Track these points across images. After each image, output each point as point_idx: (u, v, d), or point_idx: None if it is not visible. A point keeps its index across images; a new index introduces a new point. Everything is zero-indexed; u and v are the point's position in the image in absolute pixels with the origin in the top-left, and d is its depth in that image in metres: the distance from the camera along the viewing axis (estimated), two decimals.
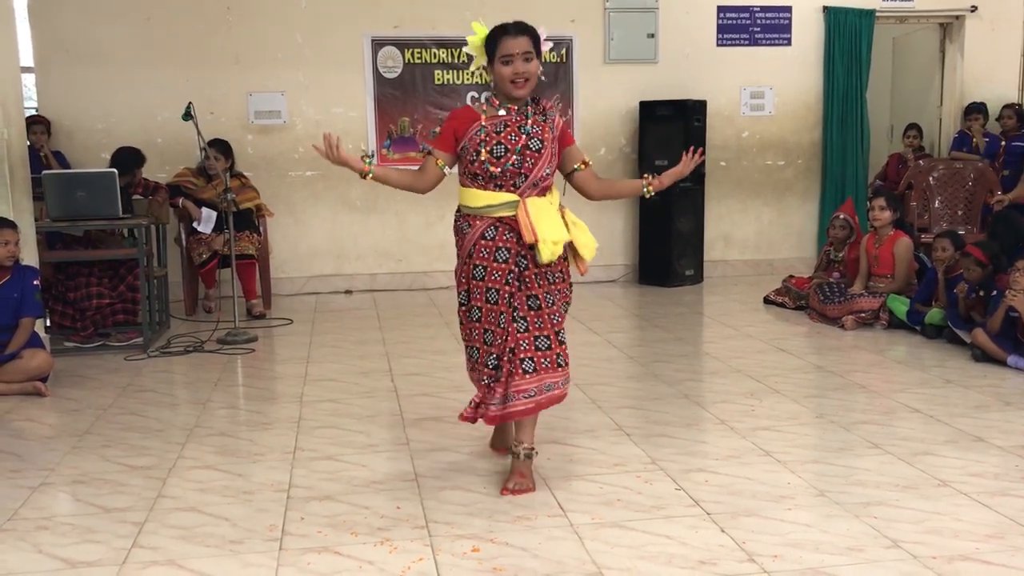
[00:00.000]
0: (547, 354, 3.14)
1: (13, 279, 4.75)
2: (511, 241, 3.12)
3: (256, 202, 6.94)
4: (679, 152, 7.56)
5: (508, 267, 3.11)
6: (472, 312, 3.16)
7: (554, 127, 3.20)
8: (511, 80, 3.07)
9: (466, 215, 3.19)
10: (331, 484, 3.34)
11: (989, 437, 3.73)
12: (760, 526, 2.90)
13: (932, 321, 5.57)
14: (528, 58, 3.06)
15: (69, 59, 7.22)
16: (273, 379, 5.10)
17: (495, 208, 3.12)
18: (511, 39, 3.06)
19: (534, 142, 3.12)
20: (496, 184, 3.12)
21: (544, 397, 3.17)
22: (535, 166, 3.12)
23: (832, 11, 8.10)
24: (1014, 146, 7.76)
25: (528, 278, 3.14)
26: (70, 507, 3.21)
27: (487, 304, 3.12)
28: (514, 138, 3.11)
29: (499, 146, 3.10)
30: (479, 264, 3.13)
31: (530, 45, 3.07)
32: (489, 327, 3.13)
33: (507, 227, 3.13)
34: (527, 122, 3.14)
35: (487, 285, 3.12)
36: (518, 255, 3.13)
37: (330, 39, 7.49)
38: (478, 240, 3.13)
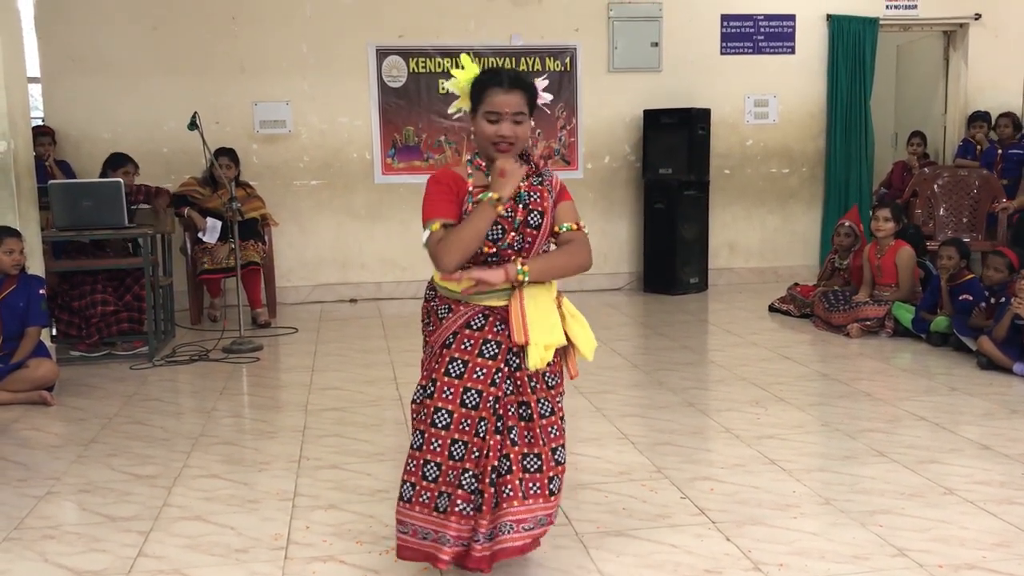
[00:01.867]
0: (536, 477, 2.51)
1: (19, 288, 4.76)
2: (502, 334, 2.51)
3: (262, 211, 6.95)
4: (683, 160, 7.73)
5: (496, 364, 2.50)
6: (437, 417, 2.48)
7: (552, 190, 2.62)
8: (493, 143, 2.51)
9: (444, 297, 2.60)
10: (336, 493, 3.34)
11: (995, 445, 3.72)
12: (766, 535, 2.90)
13: (937, 329, 5.56)
14: (519, 120, 2.50)
15: (75, 69, 7.25)
16: (278, 388, 5.10)
17: (485, 296, 2.52)
18: (502, 94, 2.49)
19: (534, 216, 2.55)
20: (488, 264, 2.53)
21: (528, 535, 2.52)
22: (534, 245, 2.55)
23: (836, 19, 8.10)
24: (1011, 154, 7.76)
25: (521, 380, 2.53)
26: (76, 516, 3.22)
27: (462, 409, 2.47)
28: (510, 213, 2.52)
29: (495, 225, 2.49)
30: (458, 358, 2.51)
31: (524, 104, 2.51)
32: (461, 437, 2.46)
33: (498, 317, 2.53)
34: (521, 187, 2.55)
35: (465, 385, 2.48)
36: (509, 351, 2.52)
37: (335, 48, 7.51)
38: (461, 329, 2.54)
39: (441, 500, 2.47)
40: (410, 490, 2.50)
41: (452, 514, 2.45)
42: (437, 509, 2.48)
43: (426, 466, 2.48)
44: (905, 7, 8.25)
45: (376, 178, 7.74)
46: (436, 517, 2.48)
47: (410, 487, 2.51)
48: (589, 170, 7.95)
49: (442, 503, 2.47)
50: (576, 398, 4.53)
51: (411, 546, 2.53)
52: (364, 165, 7.73)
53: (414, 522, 2.51)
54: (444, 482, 2.47)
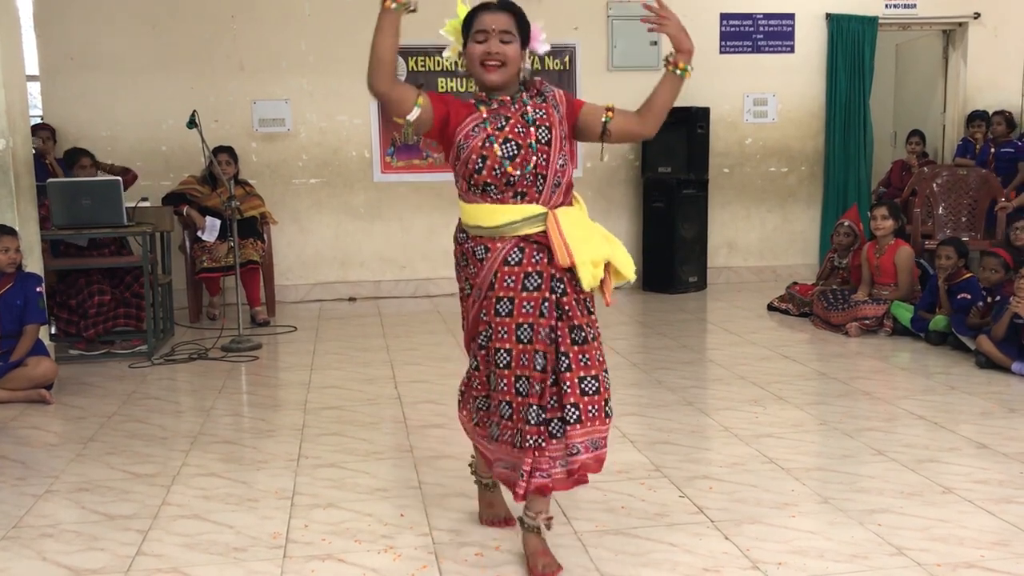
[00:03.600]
0: (594, 400, 2.54)
1: (16, 286, 4.76)
2: (542, 263, 2.53)
3: (261, 210, 6.95)
4: (683, 159, 7.72)
5: (542, 295, 2.51)
6: (498, 356, 2.53)
7: (556, 103, 2.61)
8: (481, 61, 2.53)
9: (477, 237, 2.59)
10: (335, 491, 3.34)
11: (994, 444, 3.72)
12: (764, 533, 2.90)
13: (936, 328, 5.56)
14: (506, 39, 2.51)
15: (74, 67, 7.24)
16: (277, 386, 5.10)
17: (519, 224, 2.53)
18: (488, 14, 2.53)
19: (541, 132, 2.55)
20: (516, 193, 2.53)
21: (591, 456, 2.58)
22: (548, 161, 2.54)
23: (835, 18, 8.10)
24: (1003, 152, 7.77)
25: (568, 305, 2.54)
26: (74, 515, 3.21)
27: (519, 344, 2.50)
28: (521, 130, 2.53)
29: (508, 143, 2.51)
30: (504, 297, 2.53)
31: (511, 25, 2.53)
32: (523, 372, 2.51)
33: (535, 246, 2.54)
34: (527, 109, 2.57)
35: (517, 321, 2.51)
36: (552, 279, 2.53)
37: (334, 47, 7.50)
38: (500, 267, 2.54)
39: (516, 436, 2.54)
40: (497, 430, 2.60)
41: (527, 449, 2.51)
42: (514, 445, 2.55)
43: (501, 406, 2.56)
44: (904, 6, 8.25)
45: (375, 176, 7.73)
46: (515, 451, 2.55)
47: (495, 426, 2.60)
48: (588, 169, 7.94)
49: (517, 439, 2.54)
50: None
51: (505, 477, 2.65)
52: (363, 164, 7.72)
53: (503, 457, 2.62)
54: (519, 419, 2.53)
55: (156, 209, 6.33)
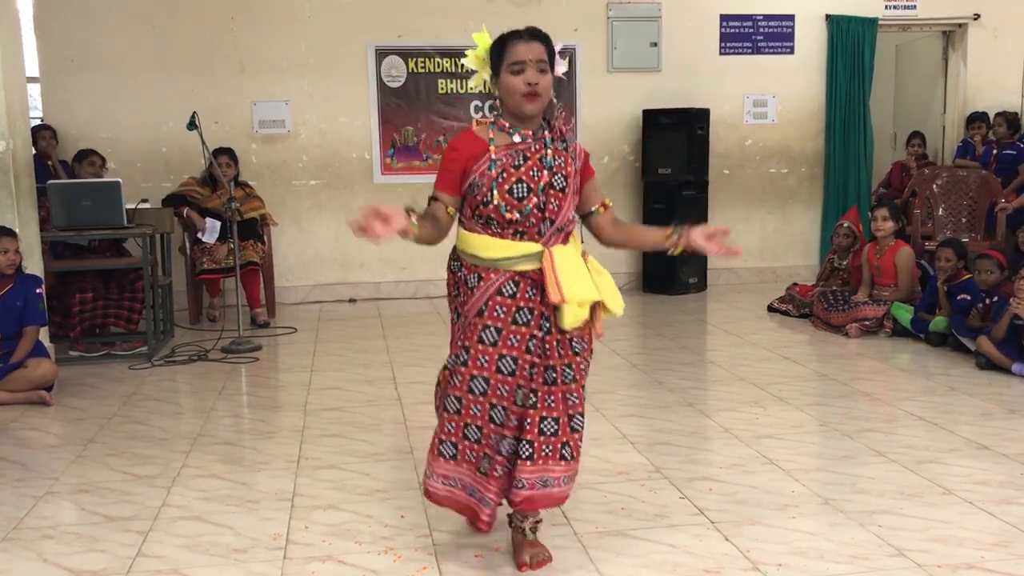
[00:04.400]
0: (550, 440, 2.56)
1: (15, 288, 4.76)
2: (534, 300, 2.56)
3: (261, 211, 6.95)
4: (683, 160, 7.74)
5: (530, 331, 2.55)
6: (473, 383, 2.55)
7: (576, 157, 2.65)
8: (522, 93, 2.52)
9: (472, 266, 2.61)
10: (335, 493, 3.34)
11: (994, 445, 3.72)
12: (765, 534, 2.90)
13: (936, 329, 5.56)
14: (543, 68, 2.53)
15: (74, 69, 7.25)
16: (277, 388, 5.10)
17: (514, 261, 2.56)
18: (523, 44, 2.52)
19: (558, 179, 2.57)
20: (516, 231, 2.56)
21: (539, 493, 2.58)
22: (560, 209, 2.57)
23: (835, 19, 8.11)
24: (1005, 154, 7.77)
25: (549, 345, 2.58)
26: (74, 516, 3.21)
27: (498, 375, 2.53)
28: (536, 174, 2.55)
29: (519, 184, 2.54)
30: (491, 326, 2.55)
31: (545, 54, 2.54)
32: (499, 402, 2.54)
33: (529, 281, 2.57)
34: (547, 153, 2.59)
35: (500, 352, 2.54)
36: (541, 316, 2.57)
37: (334, 48, 7.51)
38: (493, 296, 2.56)
39: (483, 463, 2.58)
40: (452, 449, 2.61)
41: (492, 478, 2.58)
42: (480, 471, 2.59)
43: (467, 428, 2.58)
44: (904, 7, 8.25)
45: (375, 178, 7.74)
46: (480, 478, 2.60)
47: (451, 446, 2.61)
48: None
49: (484, 466, 2.58)
50: None
51: (458, 499, 2.65)
52: (363, 165, 7.73)
53: (463, 478, 2.63)
54: (487, 445, 2.57)
55: (156, 211, 6.33)
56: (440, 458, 2.63)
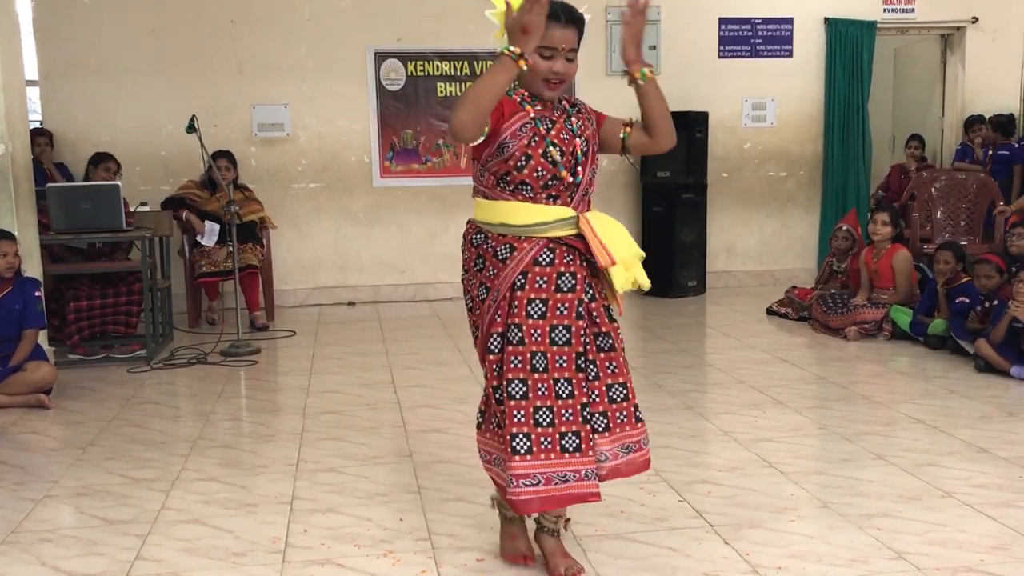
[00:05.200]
0: (622, 407, 2.54)
1: (14, 291, 4.76)
2: (574, 264, 2.49)
3: (260, 214, 6.95)
4: (681, 163, 7.73)
5: (577, 296, 2.47)
6: (535, 360, 2.43)
7: (590, 117, 2.62)
8: (545, 79, 2.45)
9: (500, 236, 2.50)
10: (334, 496, 3.34)
11: (993, 448, 3.72)
12: (764, 538, 2.90)
13: (935, 332, 5.56)
14: (571, 57, 2.46)
15: (74, 72, 7.25)
16: (276, 391, 5.10)
17: (550, 226, 2.47)
18: (559, 29, 2.40)
19: (583, 143, 2.54)
20: (549, 195, 2.49)
21: (623, 462, 2.56)
22: (584, 171, 2.53)
23: (833, 22, 8.12)
24: (999, 155, 7.79)
25: (596, 311, 2.53)
26: (73, 519, 3.21)
27: (553, 347, 2.44)
28: (566, 136, 2.51)
29: (553, 147, 2.47)
30: (535, 298, 2.44)
31: (576, 41, 2.46)
32: (561, 375, 2.44)
33: (564, 247, 2.50)
34: (572, 119, 2.55)
35: (551, 324, 2.44)
36: (585, 281, 2.51)
37: (333, 51, 7.52)
38: (530, 267, 2.46)
39: (568, 440, 2.44)
40: (525, 442, 2.42)
41: (589, 449, 2.46)
42: (566, 450, 2.44)
43: (537, 413, 2.43)
44: (902, 11, 8.26)
45: (374, 181, 7.74)
46: (572, 457, 2.45)
47: (524, 438, 2.42)
48: None
49: (570, 443, 2.44)
50: None
51: (552, 494, 2.45)
52: (362, 168, 7.73)
53: (546, 470, 2.44)
54: (563, 423, 2.44)
55: (155, 214, 6.34)
56: (515, 456, 2.42)
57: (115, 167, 6.53)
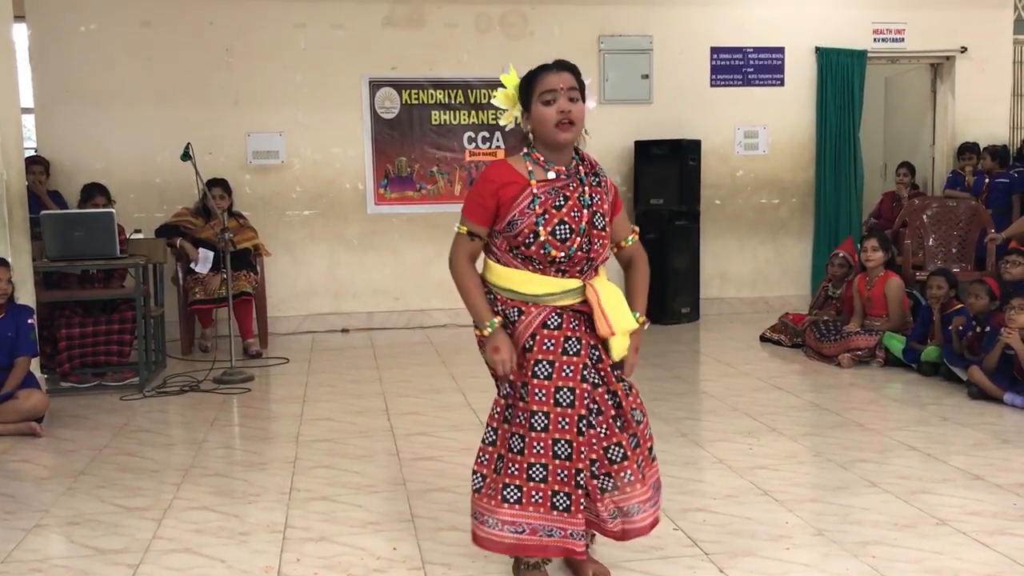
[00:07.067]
0: (624, 467, 2.59)
1: (7, 318, 4.75)
2: (579, 329, 2.59)
3: (254, 242, 6.96)
4: (674, 190, 7.77)
5: (582, 360, 2.56)
6: (534, 419, 2.50)
7: (607, 191, 2.67)
8: (555, 122, 2.51)
9: (509, 300, 2.60)
10: (327, 525, 3.32)
11: (987, 475, 3.72)
12: (758, 566, 2.89)
13: (928, 358, 5.57)
14: (574, 97, 2.54)
15: (69, 100, 7.28)
16: (269, 419, 5.08)
17: (557, 297, 2.58)
18: (553, 74, 2.56)
19: (599, 219, 2.59)
20: (558, 269, 2.57)
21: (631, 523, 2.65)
22: (602, 249, 2.62)
23: (824, 52, 8.20)
24: (997, 183, 7.85)
25: (605, 372, 2.60)
26: (64, 549, 3.19)
27: (557, 408, 2.50)
28: (577, 215, 2.55)
29: (562, 226, 2.52)
30: (543, 359, 2.53)
31: (575, 82, 2.57)
32: (563, 436, 2.50)
33: (573, 313, 2.60)
34: (585, 191, 2.59)
35: (556, 385, 2.52)
36: (590, 346, 2.60)
37: (328, 80, 7.56)
38: (539, 330, 2.56)
39: (559, 499, 2.51)
40: (516, 492, 2.52)
41: (578, 512, 2.52)
42: (556, 508, 2.52)
43: (531, 468, 2.51)
44: (892, 40, 8.35)
45: (369, 208, 7.76)
46: (560, 515, 2.52)
47: (516, 489, 2.52)
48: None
49: (560, 502, 2.52)
50: None
51: (531, 544, 2.55)
52: (357, 195, 7.75)
53: (531, 521, 2.53)
54: (556, 482, 2.51)
55: (149, 241, 6.33)
56: (504, 503, 2.53)
57: (104, 202, 6.42)
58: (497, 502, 2.53)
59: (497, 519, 2.54)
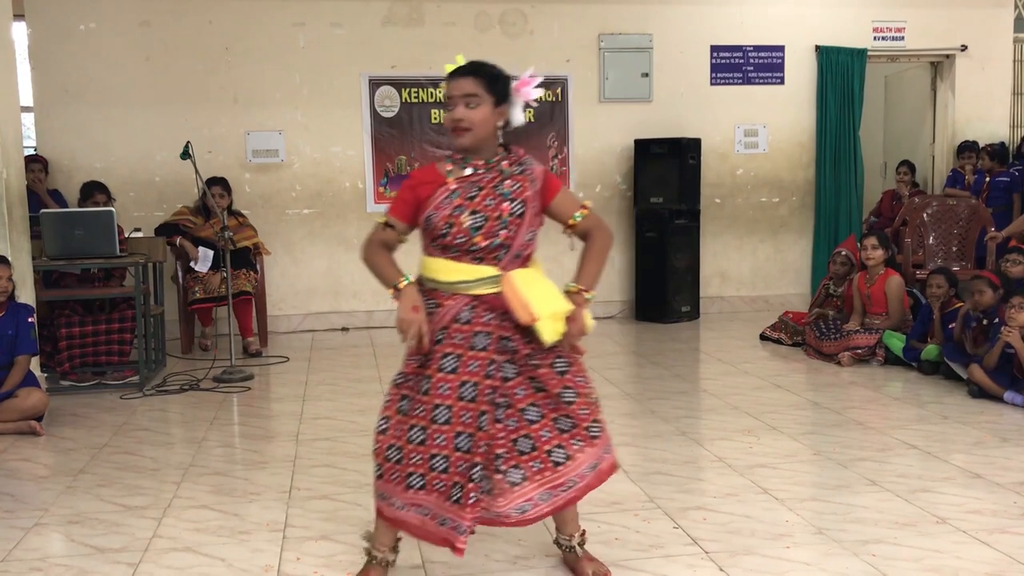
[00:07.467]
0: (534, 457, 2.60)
1: (7, 316, 4.75)
2: (491, 324, 2.59)
3: (254, 240, 6.96)
4: (675, 189, 7.77)
5: (488, 356, 2.57)
6: (436, 412, 2.53)
7: (534, 179, 2.65)
8: (448, 129, 2.61)
9: (431, 291, 2.64)
10: (327, 524, 3.32)
11: (987, 474, 3.72)
12: (759, 565, 2.89)
13: (928, 357, 5.57)
14: (472, 103, 2.55)
15: (68, 99, 7.27)
16: (269, 417, 5.08)
17: (472, 284, 2.59)
18: (453, 80, 2.60)
19: (516, 206, 2.60)
20: (474, 257, 2.59)
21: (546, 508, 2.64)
22: (516, 235, 2.60)
23: (824, 50, 8.19)
24: (998, 181, 7.85)
25: (521, 362, 2.62)
26: (64, 548, 3.19)
27: (460, 402, 2.53)
28: (491, 203, 2.58)
29: (474, 215, 2.56)
30: (451, 353, 2.56)
31: (477, 87, 2.56)
32: (465, 430, 2.53)
33: (486, 306, 2.59)
34: (503, 182, 2.62)
35: (461, 379, 2.54)
36: (500, 339, 2.60)
37: (328, 79, 7.56)
38: (450, 324, 2.59)
39: (455, 491, 2.53)
40: (420, 480, 2.56)
41: (467, 507, 2.52)
42: (450, 499, 2.54)
43: (433, 459, 2.54)
44: (892, 38, 8.35)
45: (368, 207, 7.75)
46: (452, 506, 2.54)
47: (419, 477, 2.56)
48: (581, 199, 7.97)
49: (455, 493, 2.53)
50: None
51: (430, 529, 2.59)
52: (357, 194, 7.75)
53: (434, 508, 2.57)
54: (456, 473, 2.53)
55: (149, 240, 6.33)
56: (409, 489, 2.58)
57: (104, 200, 6.44)
58: (402, 488, 2.59)
59: (404, 501, 2.60)
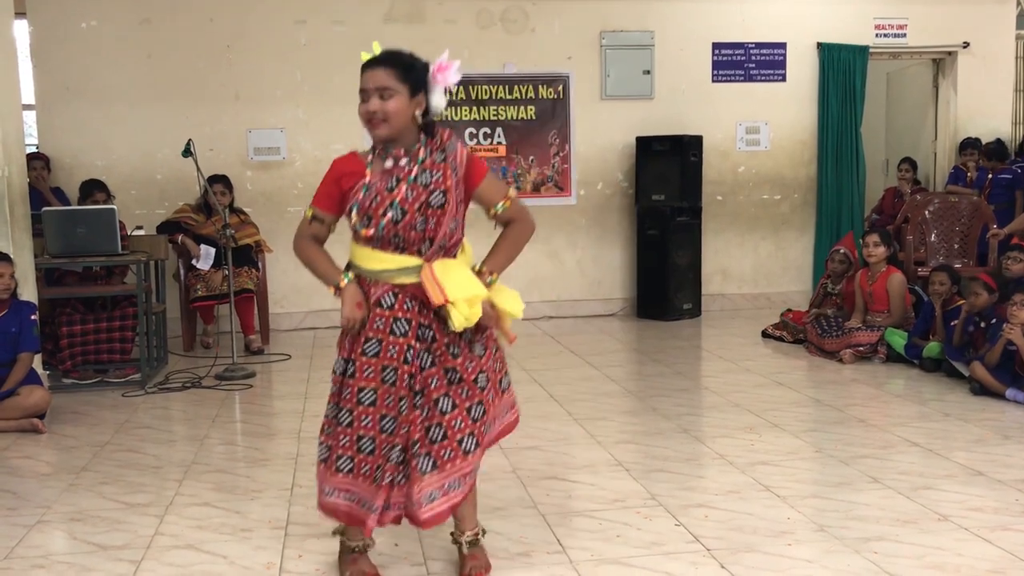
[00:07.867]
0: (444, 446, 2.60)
1: (10, 314, 4.75)
2: (412, 311, 2.59)
3: (256, 238, 6.96)
4: (676, 187, 7.77)
5: (407, 341, 2.58)
6: (362, 394, 2.57)
7: (456, 166, 2.61)
8: (364, 120, 2.59)
9: (357, 276, 2.66)
10: (329, 521, 3.32)
11: (989, 471, 3.72)
12: (760, 562, 2.89)
13: (930, 354, 5.57)
14: (385, 95, 2.53)
15: (70, 96, 7.27)
16: (271, 415, 5.08)
17: (394, 274, 2.60)
18: (365, 72, 2.59)
19: (436, 197, 2.56)
20: (396, 247, 2.59)
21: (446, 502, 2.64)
22: (439, 226, 2.57)
23: (826, 47, 8.18)
24: (999, 179, 7.84)
25: (439, 350, 2.62)
26: (66, 545, 3.19)
27: (384, 385, 2.57)
28: (410, 195, 2.55)
29: (393, 208, 2.54)
30: (372, 338, 2.58)
31: (390, 78, 2.54)
32: (389, 412, 2.58)
33: (407, 294, 2.60)
34: (424, 172, 2.58)
35: (383, 363, 2.58)
36: (419, 327, 2.60)
37: (329, 76, 7.55)
38: (373, 308, 2.60)
39: (379, 473, 2.60)
40: (349, 463, 2.61)
41: (382, 487, 2.59)
42: (375, 480, 2.60)
43: (360, 441, 2.59)
44: (894, 35, 8.34)
45: None
46: (373, 487, 2.60)
47: (348, 460, 2.61)
48: (582, 196, 7.98)
49: (378, 475, 2.60)
50: (570, 425, 4.53)
51: (354, 512, 2.64)
52: None
53: (360, 492, 2.62)
54: (380, 456, 2.59)
55: (151, 237, 6.33)
56: (338, 473, 2.62)
57: (103, 198, 6.44)
58: (332, 472, 2.63)
59: (333, 487, 2.64)
